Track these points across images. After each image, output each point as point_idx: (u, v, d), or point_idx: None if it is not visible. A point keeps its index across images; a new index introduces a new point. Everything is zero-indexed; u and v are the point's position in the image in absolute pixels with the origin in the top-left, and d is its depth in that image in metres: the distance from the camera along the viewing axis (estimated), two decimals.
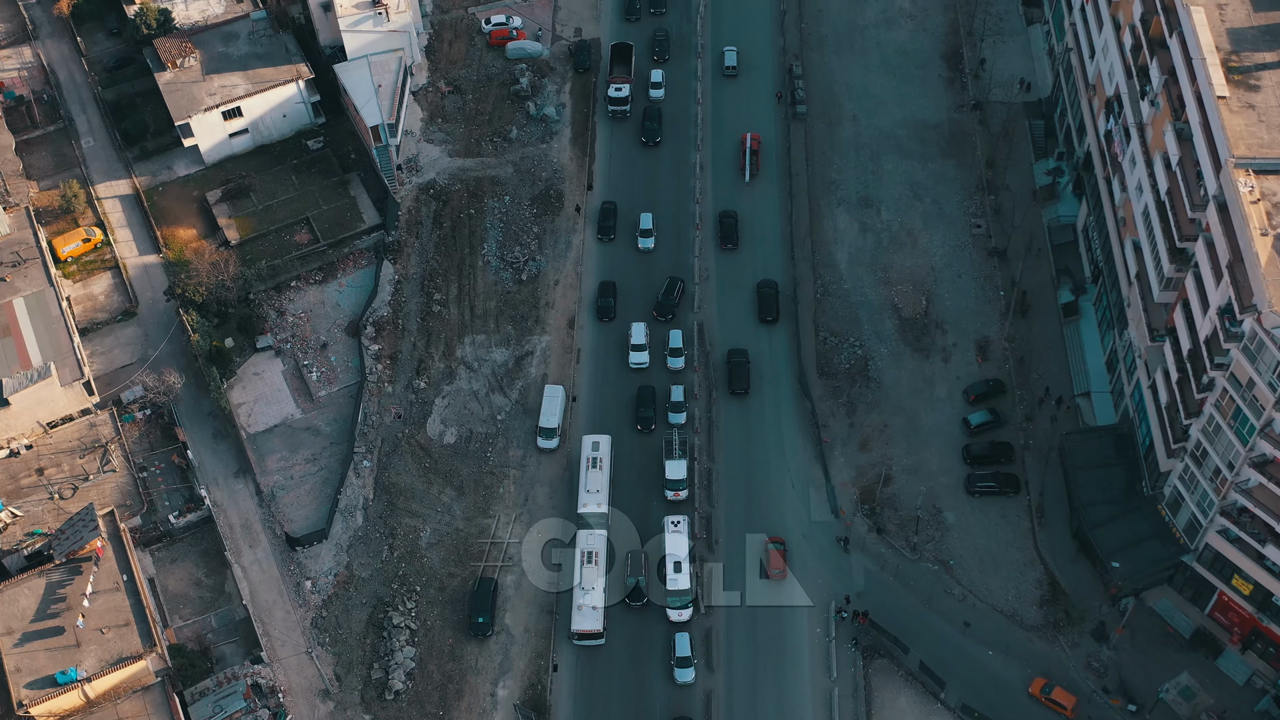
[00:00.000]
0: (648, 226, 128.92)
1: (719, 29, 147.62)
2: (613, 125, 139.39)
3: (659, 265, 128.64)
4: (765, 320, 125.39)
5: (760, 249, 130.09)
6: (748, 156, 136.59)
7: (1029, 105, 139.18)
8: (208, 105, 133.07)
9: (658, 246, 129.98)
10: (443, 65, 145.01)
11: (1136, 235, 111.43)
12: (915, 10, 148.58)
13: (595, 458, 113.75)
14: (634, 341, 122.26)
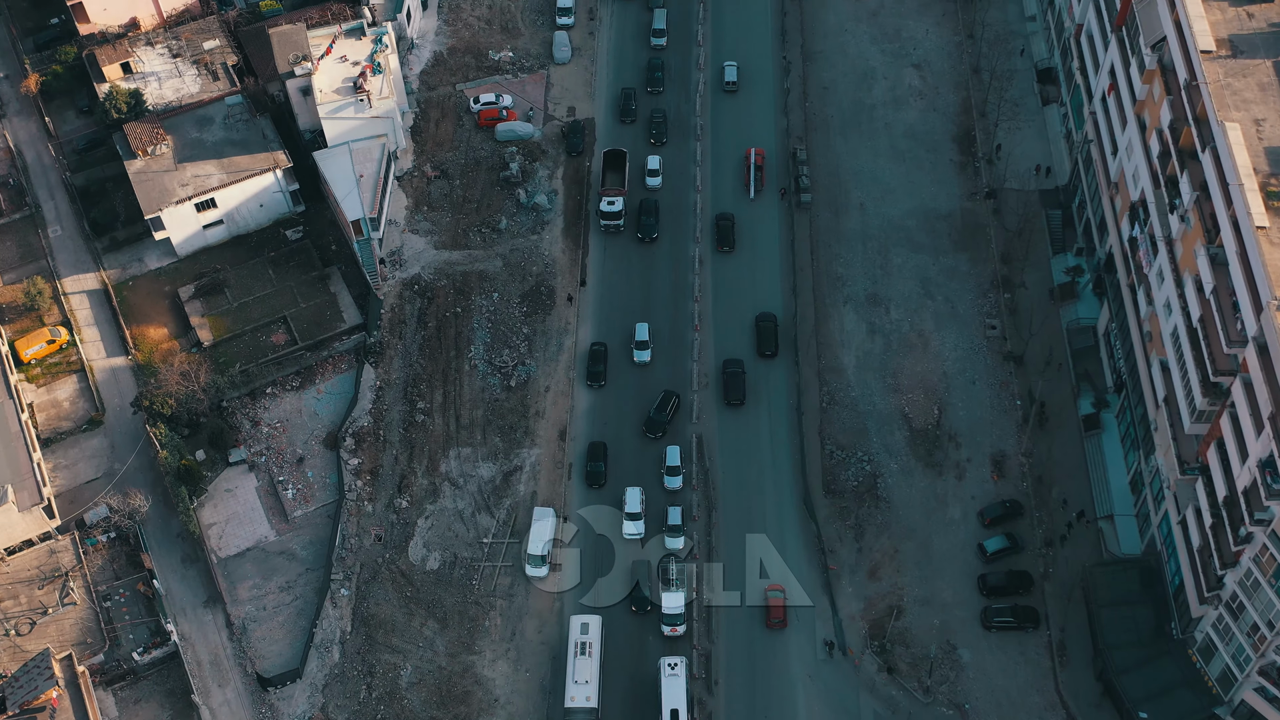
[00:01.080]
0: (644, 338, 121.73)
1: (719, 109, 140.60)
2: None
3: (655, 378, 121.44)
4: (764, 355, 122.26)
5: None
6: (752, 172, 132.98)
7: (1045, 193, 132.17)
8: (180, 197, 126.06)
9: (654, 358, 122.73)
10: (429, 147, 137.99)
11: (1164, 355, 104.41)
12: (925, 88, 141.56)
13: (584, 643, 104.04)
14: (628, 510, 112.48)
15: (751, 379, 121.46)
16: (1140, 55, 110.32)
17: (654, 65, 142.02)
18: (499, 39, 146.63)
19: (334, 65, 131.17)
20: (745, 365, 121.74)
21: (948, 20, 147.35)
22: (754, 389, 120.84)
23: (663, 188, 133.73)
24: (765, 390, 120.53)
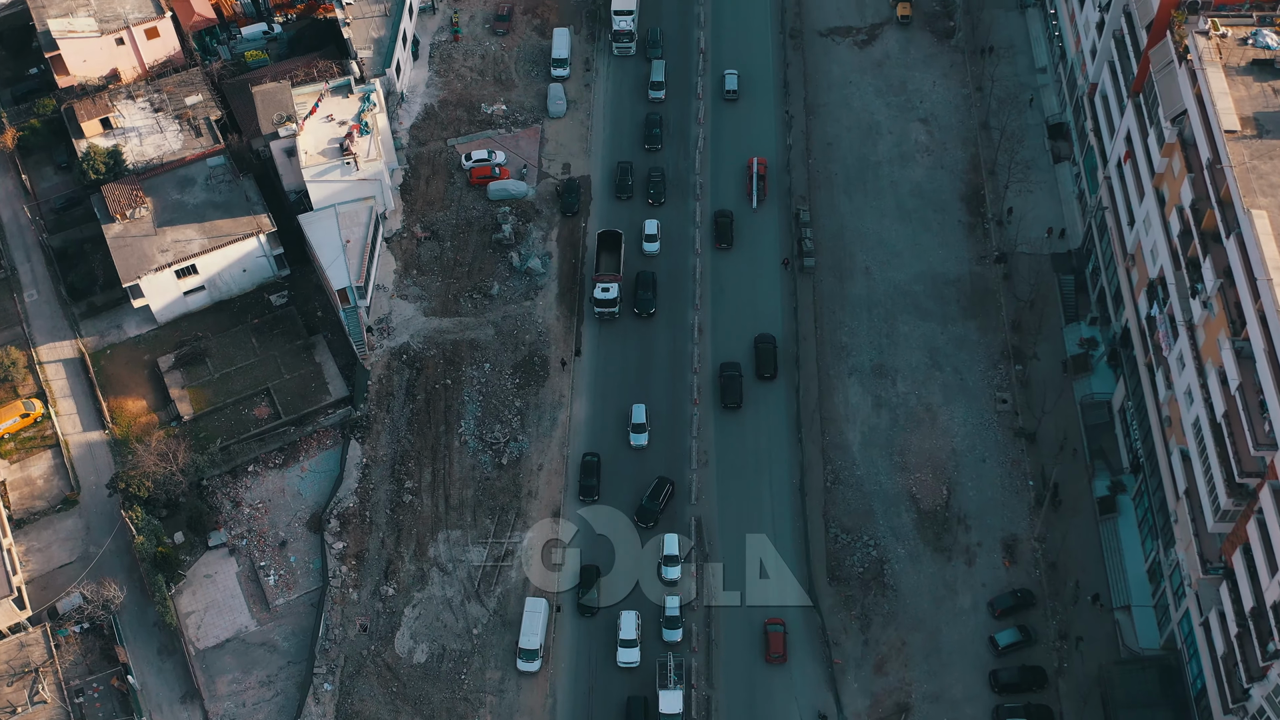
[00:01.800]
0: (640, 420, 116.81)
1: (719, 167, 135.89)
2: None
3: (651, 462, 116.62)
4: (763, 377, 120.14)
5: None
6: (754, 181, 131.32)
7: (1058, 258, 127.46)
8: (159, 264, 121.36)
9: (651, 440, 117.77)
10: (419, 206, 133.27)
11: (1185, 444, 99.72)
12: (933, 144, 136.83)
13: None
14: (623, 636, 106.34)
15: (754, 448, 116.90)
16: (1159, 127, 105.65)
17: (652, 120, 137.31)
18: (492, 91, 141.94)
19: (320, 125, 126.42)
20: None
21: (955, 72, 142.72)
22: (759, 464, 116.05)
23: (660, 253, 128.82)
24: (770, 465, 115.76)
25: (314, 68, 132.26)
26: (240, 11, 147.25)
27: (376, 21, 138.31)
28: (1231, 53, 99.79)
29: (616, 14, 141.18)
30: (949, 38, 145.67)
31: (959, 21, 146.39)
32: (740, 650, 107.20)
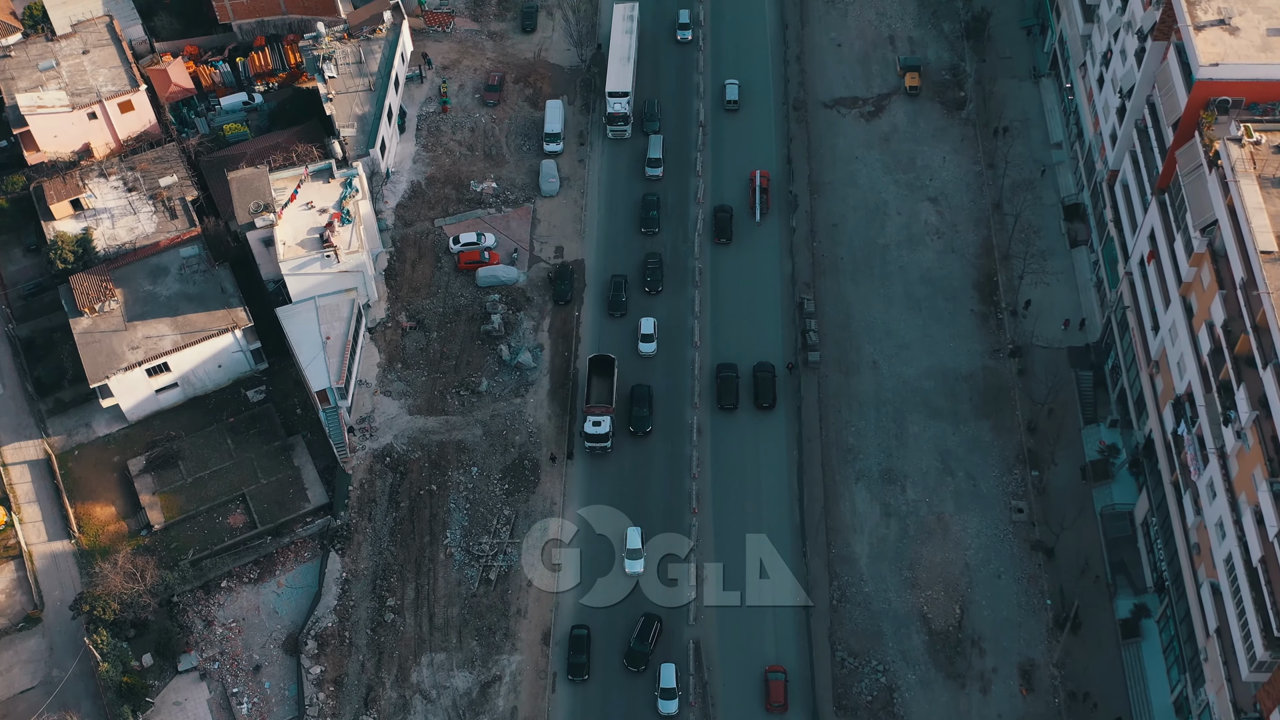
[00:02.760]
0: (636, 546, 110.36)
1: (719, 256, 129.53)
2: None
3: (645, 595, 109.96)
4: (761, 406, 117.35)
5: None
6: (757, 195, 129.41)
7: (1075, 352, 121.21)
8: (129, 363, 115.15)
9: (647, 568, 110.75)
10: (404, 293, 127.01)
11: (1215, 577, 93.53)
12: (943, 225, 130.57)
13: None
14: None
15: (756, 569, 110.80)
16: (1187, 233, 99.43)
17: (649, 201, 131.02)
18: (481, 167, 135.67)
19: (299, 213, 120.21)
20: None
21: (966, 146, 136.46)
22: (760, 594, 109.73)
23: (658, 353, 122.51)
24: (773, 593, 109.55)
25: (293, 151, 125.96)
26: (219, 81, 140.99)
27: (360, 96, 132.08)
28: (1266, 162, 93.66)
29: (611, 96, 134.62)
30: (959, 109, 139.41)
31: (970, 93, 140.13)
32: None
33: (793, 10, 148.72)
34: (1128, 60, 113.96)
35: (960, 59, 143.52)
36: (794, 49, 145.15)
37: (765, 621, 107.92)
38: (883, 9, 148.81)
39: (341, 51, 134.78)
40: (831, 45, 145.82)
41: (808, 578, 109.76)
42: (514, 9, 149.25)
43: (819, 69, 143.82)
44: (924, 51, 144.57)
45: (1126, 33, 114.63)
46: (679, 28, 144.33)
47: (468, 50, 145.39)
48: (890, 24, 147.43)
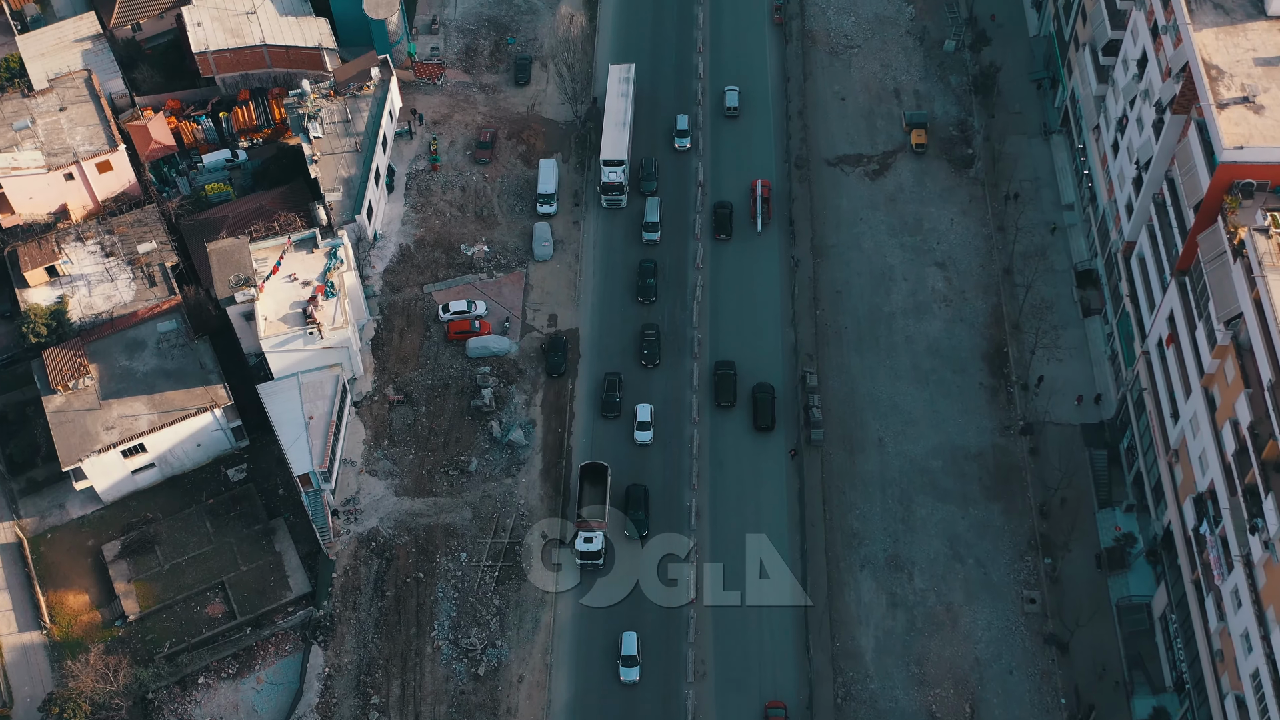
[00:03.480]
0: (632, 653, 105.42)
1: (718, 321, 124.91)
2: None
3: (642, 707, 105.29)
4: (760, 429, 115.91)
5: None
6: (759, 204, 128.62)
7: (1089, 429, 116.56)
8: (103, 445, 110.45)
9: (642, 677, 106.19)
10: (392, 363, 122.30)
11: (1240, 690, 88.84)
12: (951, 293, 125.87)
13: None
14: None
15: (758, 655, 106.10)
16: (1210, 324, 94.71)
17: (645, 269, 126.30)
18: (472, 229, 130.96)
19: (282, 285, 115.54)
20: None
21: (974, 207, 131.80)
22: (760, 679, 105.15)
23: (654, 442, 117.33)
24: (775, 678, 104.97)
25: (276, 220, 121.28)
26: (202, 138, 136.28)
27: (347, 158, 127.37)
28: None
29: (606, 165, 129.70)
30: (967, 167, 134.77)
31: (978, 150, 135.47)
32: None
33: (795, 62, 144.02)
34: (1145, 130, 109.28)
35: (968, 114, 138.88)
36: (796, 103, 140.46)
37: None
38: (887, 61, 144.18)
39: (327, 110, 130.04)
40: (835, 99, 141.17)
41: (811, 674, 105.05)
42: (507, 60, 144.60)
43: (822, 124, 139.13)
44: (930, 106, 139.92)
45: (1143, 101, 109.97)
46: (677, 134, 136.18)
47: (459, 104, 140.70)
48: (895, 76, 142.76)
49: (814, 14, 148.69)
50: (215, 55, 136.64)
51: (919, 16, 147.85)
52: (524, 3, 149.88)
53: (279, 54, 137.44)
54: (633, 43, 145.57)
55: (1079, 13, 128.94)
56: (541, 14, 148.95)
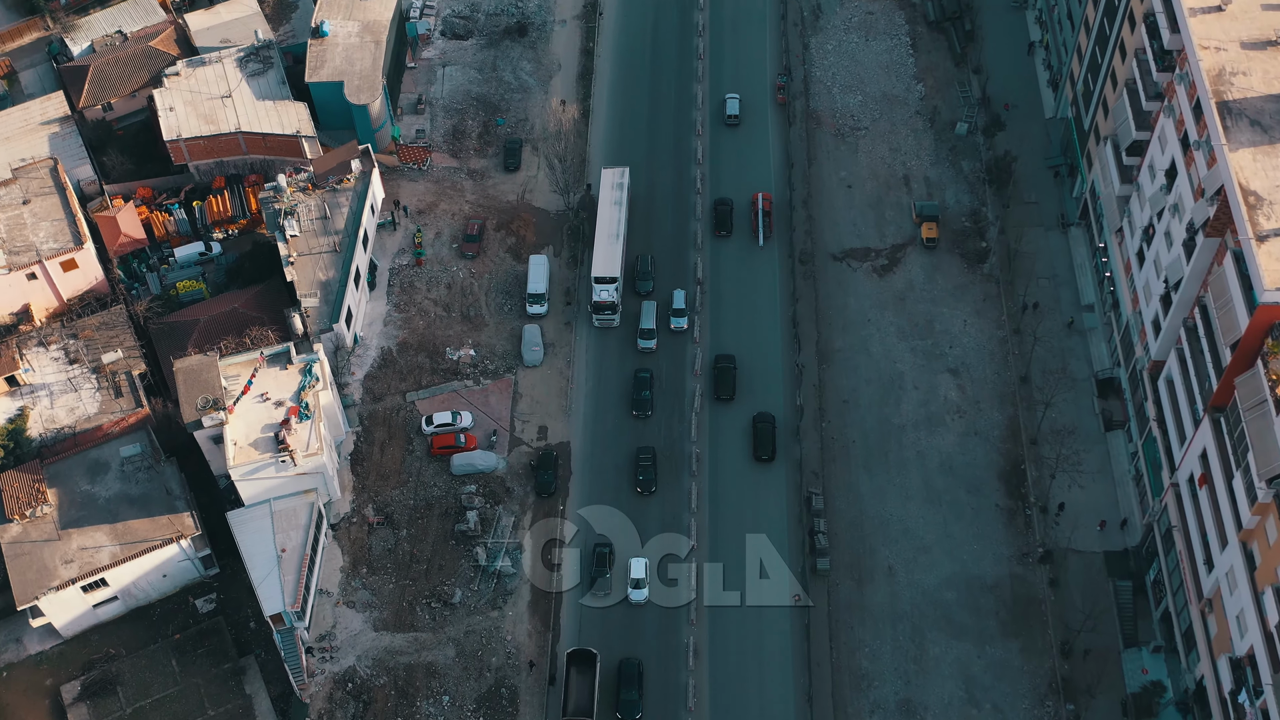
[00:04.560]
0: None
1: (717, 436, 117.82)
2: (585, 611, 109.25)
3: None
4: (761, 459, 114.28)
5: None
6: (760, 218, 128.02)
7: (1112, 557, 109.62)
8: (61, 581, 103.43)
9: None
10: (372, 480, 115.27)
11: None
12: (964, 402, 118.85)
13: None
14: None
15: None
16: (1249, 475, 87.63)
17: (641, 380, 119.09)
18: (459, 331, 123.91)
19: (253, 405, 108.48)
20: None
21: (989, 307, 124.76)
22: None
23: (649, 601, 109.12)
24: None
25: (248, 335, 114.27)
26: (174, 230, 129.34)
27: (325, 259, 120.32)
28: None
29: (597, 281, 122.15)
30: (981, 262, 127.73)
31: (992, 243, 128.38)
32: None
33: (799, 146, 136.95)
34: (1174, 248, 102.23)
35: (981, 203, 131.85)
36: (800, 191, 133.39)
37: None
38: (896, 144, 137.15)
39: (305, 205, 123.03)
40: (841, 186, 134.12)
41: None
42: (496, 144, 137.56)
43: (828, 214, 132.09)
44: (942, 194, 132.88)
45: (1172, 216, 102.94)
46: (673, 314, 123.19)
47: (445, 191, 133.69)
48: (905, 161, 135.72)
49: (818, 92, 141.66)
50: (188, 143, 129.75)
51: (929, 95, 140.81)
52: (514, 80, 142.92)
53: (255, 141, 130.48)
54: (628, 134, 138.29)
55: (1100, 104, 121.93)
56: (533, 92, 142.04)
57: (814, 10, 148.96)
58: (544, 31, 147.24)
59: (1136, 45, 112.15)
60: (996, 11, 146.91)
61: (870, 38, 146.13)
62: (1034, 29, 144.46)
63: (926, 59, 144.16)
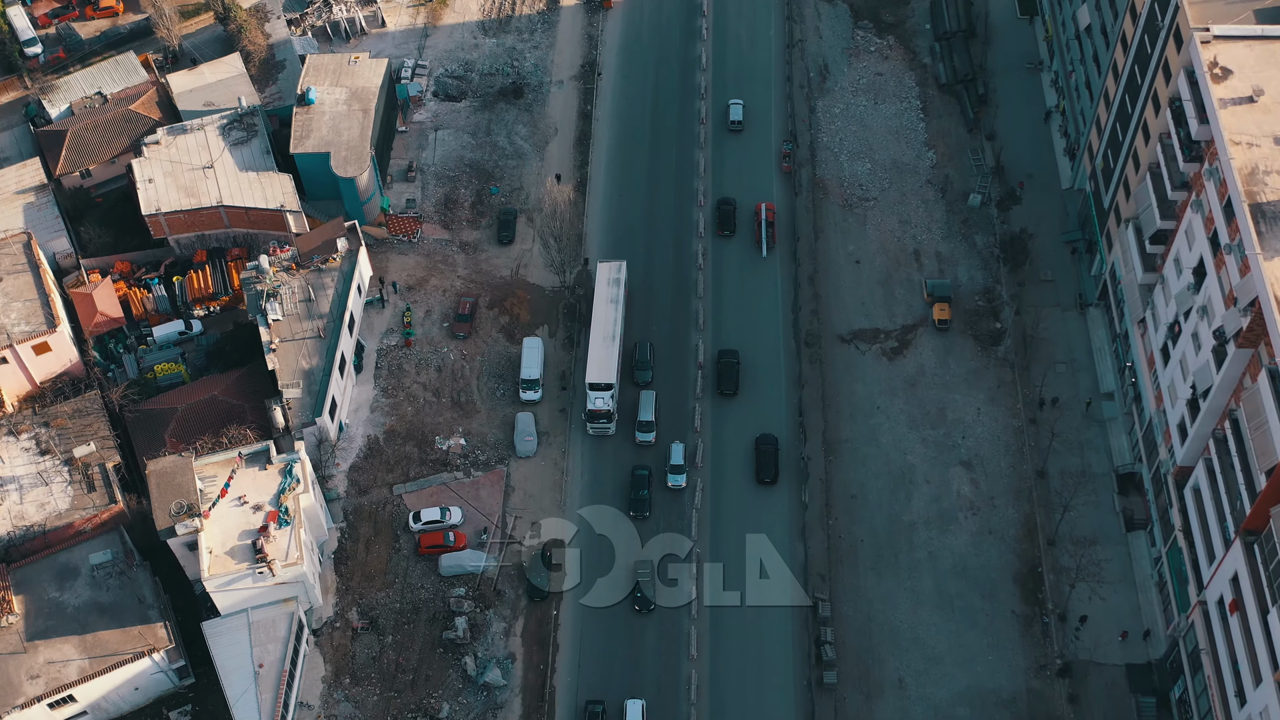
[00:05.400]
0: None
1: (719, 539, 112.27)
2: None
3: None
4: (763, 481, 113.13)
5: None
6: (763, 228, 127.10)
7: (1135, 670, 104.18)
8: (26, 699, 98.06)
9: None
10: (356, 581, 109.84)
11: None
12: (978, 498, 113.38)
13: None
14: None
15: None
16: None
17: (639, 479, 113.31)
18: (449, 418, 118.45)
19: (230, 508, 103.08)
20: None
21: (1003, 394, 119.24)
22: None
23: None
24: None
25: (224, 436, 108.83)
26: (152, 308, 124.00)
27: (308, 345, 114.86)
28: None
29: (592, 388, 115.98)
30: (995, 345, 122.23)
31: (1007, 324, 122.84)
32: None
33: (805, 218, 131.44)
34: (1202, 352, 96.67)
35: (995, 280, 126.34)
36: (806, 268, 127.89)
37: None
38: (906, 216, 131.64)
39: (288, 287, 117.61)
40: (849, 262, 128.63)
41: None
42: (490, 214, 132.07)
43: (835, 291, 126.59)
44: (954, 270, 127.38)
45: (1201, 319, 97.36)
46: (671, 470, 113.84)
47: (436, 266, 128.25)
48: (916, 235, 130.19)
49: (826, 159, 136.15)
50: (168, 217, 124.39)
51: (940, 163, 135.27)
52: (509, 145, 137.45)
53: (238, 215, 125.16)
54: (626, 206, 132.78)
55: (1120, 183, 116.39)
56: (528, 159, 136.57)
57: (821, 70, 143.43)
58: (540, 93, 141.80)
59: (1161, 130, 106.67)
60: (1011, 74, 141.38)
61: (879, 100, 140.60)
62: (1049, 94, 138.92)
63: (938, 124, 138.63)
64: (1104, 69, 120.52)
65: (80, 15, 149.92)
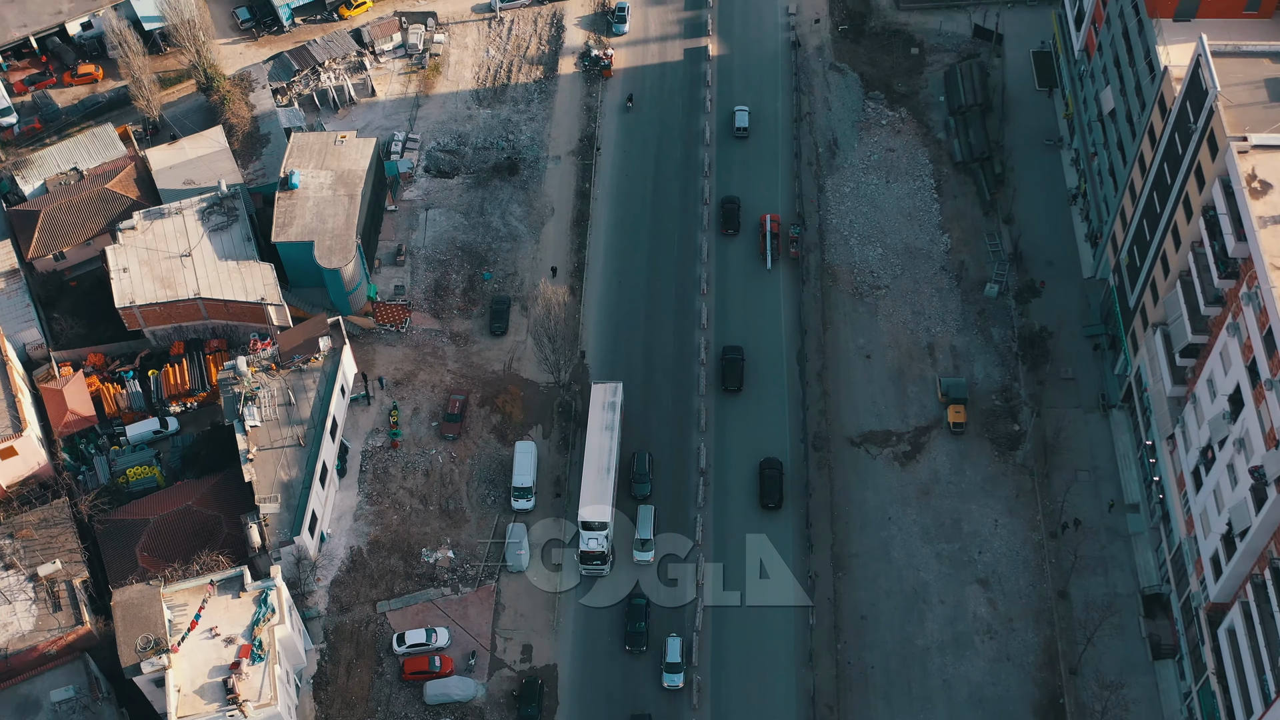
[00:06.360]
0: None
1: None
2: None
3: None
4: (767, 507, 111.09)
5: None
6: (768, 240, 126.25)
7: None
8: None
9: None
10: (336, 710, 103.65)
11: None
12: (996, 621, 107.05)
13: None
14: None
15: None
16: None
17: (636, 609, 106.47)
18: (436, 528, 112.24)
19: (201, 641, 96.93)
20: None
21: (1022, 504, 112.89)
22: None
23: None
24: None
25: (196, 561, 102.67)
26: (126, 405, 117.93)
27: (288, 455, 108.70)
28: None
29: (585, 527, 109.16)
30: (1014, 449, 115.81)
31: (1025, 426, 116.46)
32: None
33: (812, 309, 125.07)
34: (1239, 489, 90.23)
35: (1013, 378, 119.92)
36: (814, 364, 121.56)
37: None
38: (919, 306, 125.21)
39: (267, 389, 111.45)
40: (859, 356, 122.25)
41: None
42: (482, 301, 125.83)
43: (844, 389, 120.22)
44: (970, 367, 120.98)
45: (1237, 451, 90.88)
46: (667, 669, 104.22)
47: (425, 359, 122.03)
48: (929, 327, 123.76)
49: (835, 244, 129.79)
50: (143, 309, 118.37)
51: (955, 248, 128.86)
52: (503, 226, 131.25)
53: (217, 307, 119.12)
54: (625, 295, 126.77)
55: (1148, 284, 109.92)
56: (523, 241, 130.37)
57: (830, 146, 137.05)
58: (536, 169, 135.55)
59: (1193, 237, 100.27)
60: (1029, 151, 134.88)
61: (891, 179, 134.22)
62: (1070, 173, 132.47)
63: (953, 205, 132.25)
64: (1130, 159, 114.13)
65: (58, 82, 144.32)
